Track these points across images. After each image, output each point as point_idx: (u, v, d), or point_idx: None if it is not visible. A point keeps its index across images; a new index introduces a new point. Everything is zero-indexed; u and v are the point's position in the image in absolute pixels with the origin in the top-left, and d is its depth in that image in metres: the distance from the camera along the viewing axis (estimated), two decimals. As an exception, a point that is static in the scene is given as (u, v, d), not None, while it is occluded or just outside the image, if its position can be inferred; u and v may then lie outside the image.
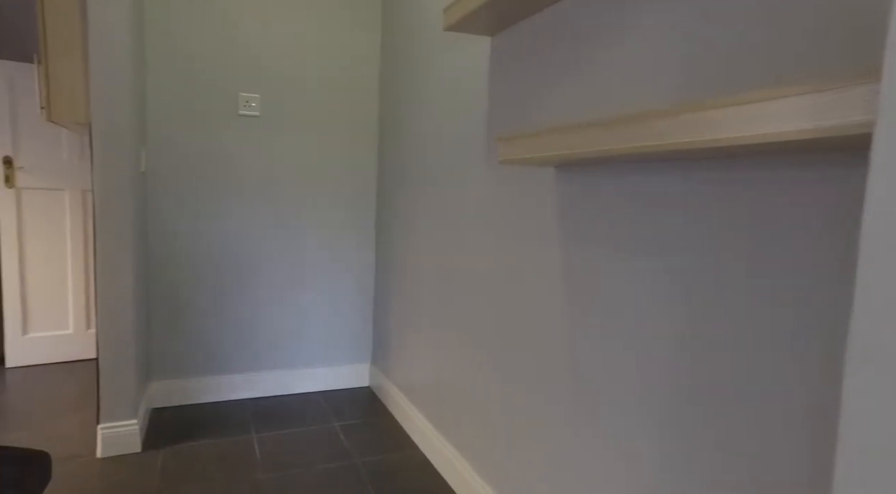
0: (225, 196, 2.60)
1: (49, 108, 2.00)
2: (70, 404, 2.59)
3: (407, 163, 2.46)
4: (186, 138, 2.51)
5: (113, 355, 2.05)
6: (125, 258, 2.04)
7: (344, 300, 2.88)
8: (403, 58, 2.51)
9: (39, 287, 3.04)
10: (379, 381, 2.82)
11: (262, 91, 2.62)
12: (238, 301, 2.67)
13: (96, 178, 1.98)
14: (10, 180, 2.94)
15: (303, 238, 2.76)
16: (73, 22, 2.03)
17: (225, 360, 2.67)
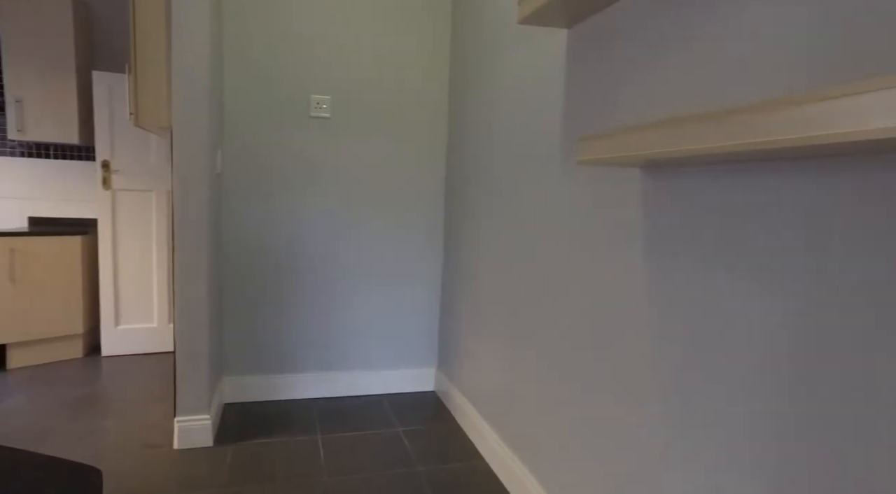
0: (297, 197, 2.63)
1: (137, 114, 2.10)
2: (155, 394, 2.73)
3: (477, 164, 2.39)
4: (260, 140, 2.57)
5: (188, 352, 2.12)
6: (200, 257, 2.10)
7: (411, 302, 2.85)
8: (474, 54, 2.43)
9: (130, 282, 3.23)
10: (444, 386, 2.76)
11: (332, 92, 2.64)
12: (308, 300, 2.70)
13: (175, 180, 2.05)
14: (107, 182, 3.15)
15: (372, 239, 2.75)
16: (159, 34, 2.13)
17: (294, 359, 2.71)
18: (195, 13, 2.01)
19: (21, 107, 3.07)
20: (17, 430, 2.28)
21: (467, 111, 2.51)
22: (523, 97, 1.91)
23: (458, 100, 2.64)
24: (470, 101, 2.48)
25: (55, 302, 3.06)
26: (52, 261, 3.02)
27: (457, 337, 2.62)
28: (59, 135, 3.14)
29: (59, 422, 2.37)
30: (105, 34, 3.40)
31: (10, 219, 3.35)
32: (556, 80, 1.67)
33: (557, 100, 1.67)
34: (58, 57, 3.10)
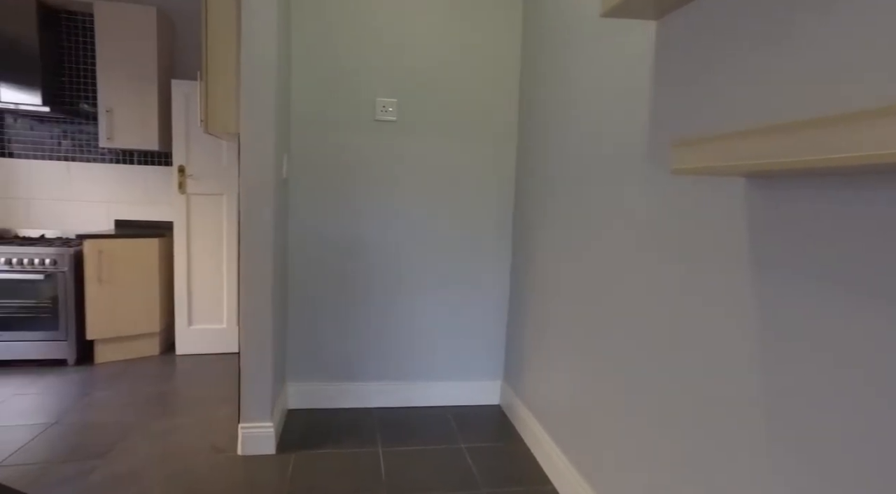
0: (362, 201, 2.59)
1: (207, 121, 2.12)
2: (223, 395, 2.78)
3: (549, 168, 2.24)
4: (325, 144, 2.54)
5: (252, 361, 2.12)
6: (265, 264, 2.09)
7: (477, 312, 2.75)
8: (548, 52, 2.29)
9: (201, 283, 3.33)
10: (510, 400, 2.64)
11: (398, 95, 2.57)
12: (372, 308, 2.65)
13: (241, 186, 2.05)
14: (182, 186, 3.25)
15: (438, 244, 2.67)
16: (229, 42, 2.14)
17: (357, 367, 2.68)
18: (263, 21, 2.00)
19: (111, 116, 3.23)
20: (102, 425, 2.38)
21: (539, 113, 2.37)
22: (603, 97, 1.76)
23: (530, 102, 2.51)
24: (542, 103, 2.34)
25: (136, 302, 3.19)
26: (133, 263, 3.16)
27: (524, 350, 2.49)
28: (141, 142, 3.28)
29: (139, 419, 2.45)
30: (184, 44, 3.53)
31: (99, 221, 3.54)
32: (641, 78, 1.51)
33: (641, 101, 1.50)
34: (142, 68, 3.24)
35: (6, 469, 2.02)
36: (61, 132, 3.47)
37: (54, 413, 2.49)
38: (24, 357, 3.07)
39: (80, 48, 3.42)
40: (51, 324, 3.06)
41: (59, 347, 3.08)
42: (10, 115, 3.41)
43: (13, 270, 3.00)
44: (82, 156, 3.50)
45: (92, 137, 3.49)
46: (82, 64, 3.43)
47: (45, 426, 2.36)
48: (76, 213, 3.52)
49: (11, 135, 3.42)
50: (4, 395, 2.67)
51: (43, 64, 3.20)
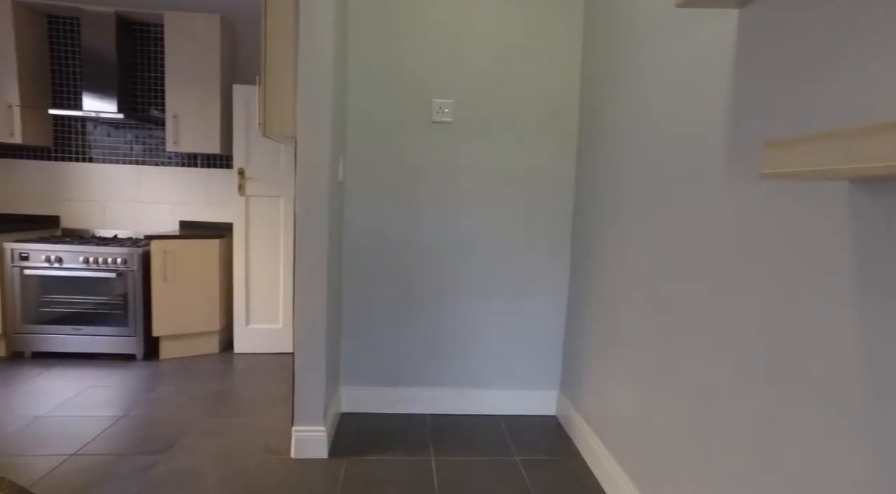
0: (418, 204, 2.56)
1: (264, 124, 2.14)
2: (279, 395, 2.82)
3: (616, 171, 2.13)
4: (381, 146, 2.52)
5: (306, 365, 2.12)
6: (320, 267, 2.09)
7: (534, 318, 2.65)
8: (612, 48, 2.17)
9: (259, 284, 3.40)
10: (566, 412, 2.53)
11: (455, 96, 2.52)
12: (427, 312, 2.61)
13: (297, 189, 2.06)
14: (242, 189, 3.33)
15: (494, 249, 2.60)
16: (287, 47, 2.15)
17: (410, 372, 2.64)
18: (320, 26, 1.99)
19: (177, 121, 3.35)
20: (164, 420, 2.45)
21: (603, 113, 2.26)
22: (675, 95, 1.63)
23: (592, 102, 2.39)
24: (606, 102, 2.22)
25: (197, 301, 3.30)
26: (195, 263, 3.27)
27: (583, 360, 2.38)
28: (204, 146, 3.39)
29: (197, 417, 2.51)
30: (246, 49, 3.62)
31: (165, 222, 3.69)
32: (721, 72, 1.38)
33: (720, 97, 1.37)
34: (206, 74, 3.34)
35: (81, 458, 2.11)
36: (133, 137, 3.64)
37: (123, 406, 2.60)
38: (98, 350, 3.23)
39: (152, 57, 3.57)
40: (121, 321, 3.20)
41: (128, 343, 3.23)
42: (90, 123, 3.61)
43: (89, 268, 3.16)
44: (151, 159, 3.66)
45: (160, 142, 3.64)
46: (153, 72, 3.58)
47: (115, 419, 2.46)
48: (145, 214, 3.68)
49: (91, 141, 3.62)
50: (82, 387, 2.81)
51: (119, 74, 3.36)
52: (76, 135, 3.62)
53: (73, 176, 3.64)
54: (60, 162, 3.62)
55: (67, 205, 3.65)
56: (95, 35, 3.31)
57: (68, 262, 3.16)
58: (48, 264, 3.16)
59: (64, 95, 3.57)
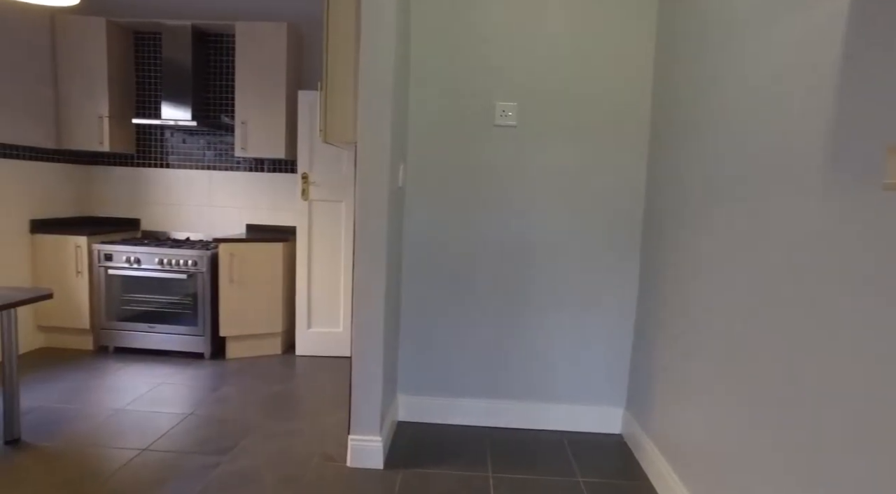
0: (479, 210, 2.49)
1: (325, 130, 2.14)
2: (338, 400, 2.83)
3: (689, 177, 1.96)
4: (442, 152, 2.47)
5: (363, 374, 2.10)
6: (379, 273, 2.06)
7: (599, 330, 2.51)
8: (692, 43, 2.01)
9: (320, 287, 3.45)
10: (633, 431, 2.37)
11: (519, 98, 2.43)
12: (488, 321, 2.53)
13: (357, 194, 2.04)
14: (306, 193, 3.39)
15: (559, 258, 2.48)
16: (348, 52, 2.14)
17: (469, 382, 2.57)
18: (381, 31, 1.97)
19: (245, 128, 3.46)
20: (228, 420, 2.51)
21: (680, 114, 2.09)
22: (768, 91, 1.47)
23: (666, 102, 2.23)
24: (684, 102, 2.06)
25: (262, 303, 3.38)
26: (260, 265, 3.35)
27: (653, 377, 2.22)
28: (270, 151, 3.47)
29: (258, 418, 2.56)
30: (312, 55, 3.69)
31: (233, 225, 3.82)
32: (824, 69, 1.22)
33: (827, 93, 1.21)
34: (273, 80, 3.42)
35: (151, 453, 2.19)
36: (206, 143, 3.80)
37: (191, 404, 2.69)
38: (170, 348, 3.38)
39: (223, 67, 3.71)
40: (191, 320, 3.33)
41: (197, 342, 3.35)
42: (168, 130, 3.80)
43: (163, 270, 3.32)
44: (221, 164, 3.80)
45: (230, 147, 3.78)
46: (224, 81, 3.72)
47: (183, 416, 2.55)
48: (216, 217, 3.83)
49: (169, 148, 3.81)
50: (155, 383, 2.94)
51: (194, 83, 3.51)
52: (155, 143, 3.82)
53: (153, 181, 3.84)
54: (141, 168, 3.83)
55: (147, 209, 3.86)
56: (174, 48, 3.48)
57: (145, 263, 3.33)
58: (128, 264, 3.34)
59: (145, 105, 3.78)
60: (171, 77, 3.50)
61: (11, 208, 3.27)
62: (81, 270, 3.35)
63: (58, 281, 3.38)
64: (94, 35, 3.47)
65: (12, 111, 3.27)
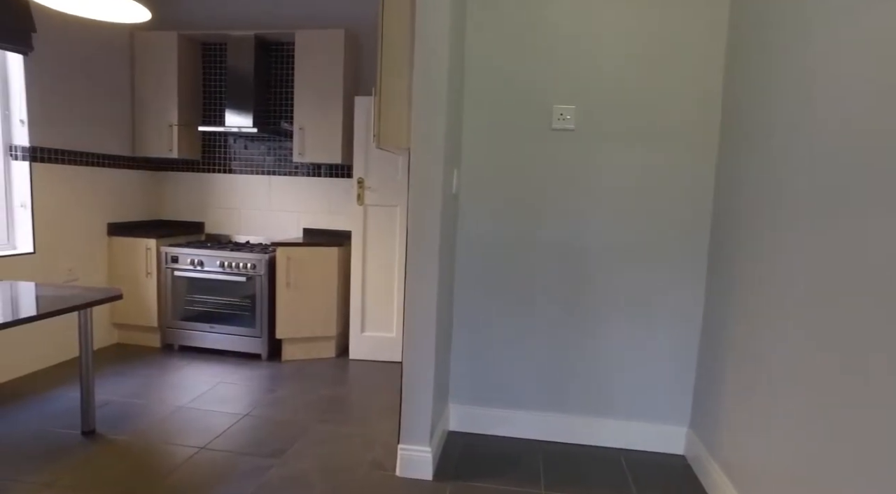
0: (536, 218, 2.41)
1: (379, 135, 2.13)
2: (389, 406, 2.82)
3: (766, 183, 1.81)
4: (497, 156, 2.41)
5: (414, 382, 2.07)
6: (431, 280, 2.02)
7: (662, 343, 2.37)
8: (774, 38, 1.85)
9: (374, 292, 3.46)
10: (697, 453, 2.22)
11: (578, 101, 2.33)
12: (543, 330, 2.45)
13: (410, 200, 2.01)
14: (361, 198, 3.41)
15: (619, 266, 2.37)
16: (403, 58, 2.12)
17: (523, 394, 2.49)
18: (435, 34, 1.93)
19: (303, 133, 3.53)
20: (282, 422, 2.56)
21: (757, 115, 1.94)
22: (863, 90, 1.32)
23: (741, 103, 2.07)
24: (763, 103, 1.91)
25: (317, 306, 3.43)
26: (315, 269, 3.40)
27: (720, 398, 2.06)
28: (326, 156, 3.53)
29: (311, 422, 2.58)
30: (368, 61, 3.72)
31: (291, 229, 3.91)
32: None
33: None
34: (331, 87, 3.48)
35: (209, 452, 2.25)
36: (266, 149, 3.91)
37: (247, 404, 2.75)
38: (229, 348, 3.49)
39: (283, 74, 3.81)
40: (249, 322, 3.43)
41: (254, 343, 3.45)
42: (231, 137, 3.94)
43: (224, 272, 3.43)
44: (280, 170, 3.90)
45: (288, 153, 3.87)
46: (284, 88, 3.82)
47: (240, 416, 2.61)
48: (274, 221, 3.93)
49: (231, 154, 3.95)
50: (213, 382, 3.04)
51: (256, 91, 3.62)
52: (219, 149, 3.97)
53: (216, 185, 3.99)
54: (206, 173, 3.99)
55: (211, 213, 4.02)
56: (238, 57, 3.60)
57: (208, 265, 3.45)
58: (192, 267, 3.48)
59: (211, 113, 3.94)
60: (234, 85, 3.62)
61: (93, 212, 3.48)
62: (151, 271, 3.52)
63: (130, 281, 3.57)
64: (166, 48, 3.65)
65: (97, 123, 3.48)
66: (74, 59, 3.32)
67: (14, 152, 3.08)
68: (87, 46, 3.40)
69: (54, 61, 3.19)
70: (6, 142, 3.08)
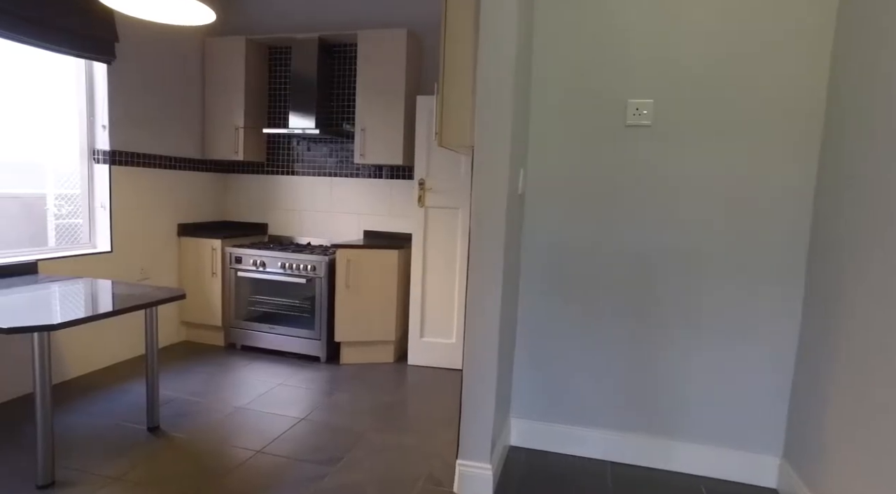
0: (607, 219, 2.23)
1: (441, 134, 2.03)
2: (448, 416, 2.71)
3: (884, 192, 1.56)
4: (566, 155, 2.25)
5: (474, 396, 1.95)
6: (494, 287, 1.90)
7: (751, 364, 2.13)
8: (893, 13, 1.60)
9: (434, 297, 3.37)
10: (793, 488, 1.96)
11: (655, 95, 2.14)
12: (615, 342, 2.27)
13: (473, 202, 1.90)
14: (422, 200, 3.33)
15: (701, 278, 2.15)
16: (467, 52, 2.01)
17: (591, 409, 2.31)
18: (502, 26, 1.81)
19: (364, 135, 3.50)
20: (339, 429, 2.50)
21: (868, 107, 1.69)
22: None
23: (849, 93, 1.82)
24: (876, 94, 1.65)
25: (376, 310, 3.38)
26: (375, 272, 3.35)
27: (822, 427, 1.80)
28: (387, 158, 3.48)
29: (367, 430, 2.51)
30: (431, 60, 3.65)
31: (352, 231, 3.89)
32: None
33: None
34: (393, 87, 3.43)
35: (264, 456, 2.22)
36: (328, 151, 3.92)
37: (304, 408, 2.72)
38: (289, 350, 3.50)
39: (345, 76, 3.80)
40: (309, 324, 3.42)
41: (314, 345, 3.44)
42: (294, 139, 3.98)
43: (285, 273, 3.45)
44: (342, 171, 3.89)
45: (350, 155, 3.86)
46: (346, 89, 3.81)
47: (297, 420, 2.58)
48: (335, 223, 3.93)
49: (294, 156, 3.99)
50: (273, 384, 3.04)
51: (318, 93, 3.63)
52: (283, 151, 4.02)
53: (279, 187, 4.04)
54: (270, 175, 4.05)
55: (274, 214, 4.07)
56: (302, 60, 3.62)
57: (269, 267, 3.48)
58: (255, 267, 3.52)
59: (275, 116, 3.99)
60: (298, 88, 3.65)
61: (165, 213, 3.60)
62: (216, 271, 3.60)
63: (197, 280, 3.66)
64: (235, 53, 3.73)
65: (171, 127, 3.61)
66: (152, 67, 3.44)
67: (96, 156, 3.23)
68: (164, 55, 3.52)
69: (134, 69, 3.32)
70: (90, 146, 3.23)
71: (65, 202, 3.30)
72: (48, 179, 3.20)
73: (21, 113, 2.93)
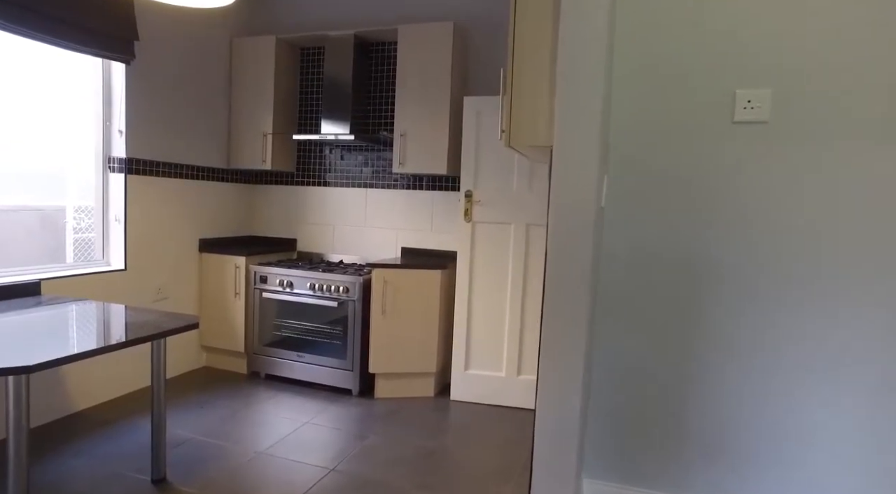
0: (707, 239, 1.80)
1: (509, 132, 1.63)
2: (501, 467, 2.28)
3: None
4: (655, 159, 1.84)
5: (550, 456, 1.53)
6: (579, 320, 1.48)
7: (884, 416, 1.66)
8: None
9: (481, 324, 2.95)
10: None
11: (773, 83, 1.71)
12: (716, 391, 1.82)
13: (551, 214, 1.49)
14: (468, 213, 2.94)
15: (836, 312, 1.69)
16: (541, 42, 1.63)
17: (680, 472, 1.86)
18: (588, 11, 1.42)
19: (404, 140, 3.14)
20: (371, 485, 2.10)
21: None
22: None
23: None
24: None
25: (415, 338, 2.98)
26: (414, 295, 2.96)
27: None
28: (430, 166, 3.10)
29: (408, 486, 2.11)
30: (479, 57, 3.28)
31: (388, 248, 3.52)
32: None
33: None
34: (437, 86, 3.07)
35: (286, 516, 1.83)
36: (363, 159, 3.57)
37: (334, 455, 2.33)
38: (317, 381, 3.12)
39: (384, 78, 3.46)
40: (340, 352, 3.05)
41: (345, 377, 3.05)
42: (326, 147, 3.65)
43: (314, 295, 3.09)
44: (378, 182, 3.53)
45: (387, 164, 3.50)
46: (384, 92, 3.46)
47: (324, 472, 2.19)
48: (370, 239, 3.56)
49: (327, 165, 3.65)
50: (300, 422, 2.66)
51: (353, 96, 3.30)
52: (314, 160, 3.69)
53: (310, 199, 3.70)
54: (300, 186, 3.72)
55: (303, 229, 3.73)
56: (336, 60, 3.30)
57: (297, 287, 3.13)
58: (281, 288, 3.17)
59: (306, 121, 3.67)
60: (331, 90, 3.32)
61: (185, 227, 3.30)
62: (239, 291, 3.26)
63: (219, 301, 3.33)
64: (264, 54, 3.43)
65: (193, 133, 3.32)
66: (173, 68, 3.16)
67: (111, 164, 2.94)
68: (188, 55, 3.24)
69: (154, 70, 3.04)
70: (105, 153, 2.95)
71: (84, 215, 3.03)
72: (68, 190, 2.93)
73: (40, 119, 2.67)
